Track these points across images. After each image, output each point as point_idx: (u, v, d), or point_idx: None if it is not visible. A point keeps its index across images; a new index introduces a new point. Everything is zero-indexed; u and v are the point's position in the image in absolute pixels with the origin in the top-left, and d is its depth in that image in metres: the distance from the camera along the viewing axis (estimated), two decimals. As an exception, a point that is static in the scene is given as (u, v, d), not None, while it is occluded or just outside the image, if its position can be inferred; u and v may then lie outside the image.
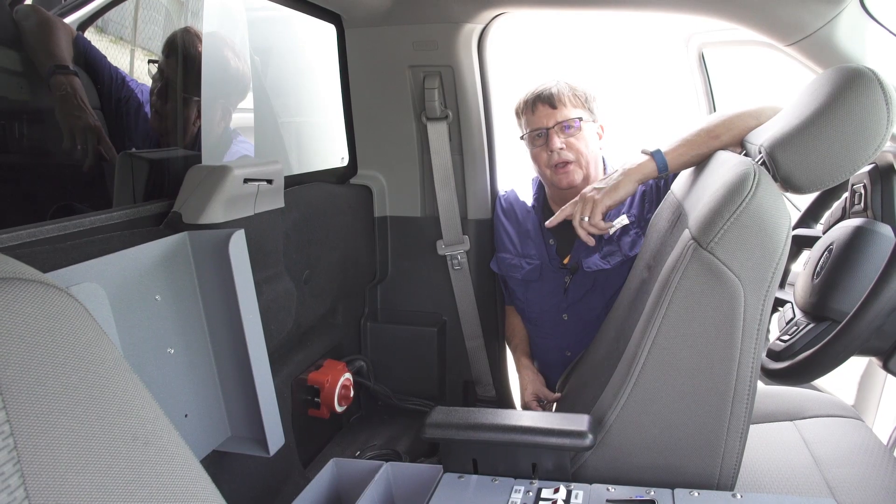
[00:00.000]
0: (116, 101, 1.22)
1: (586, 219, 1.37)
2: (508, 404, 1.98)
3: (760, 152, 1.05)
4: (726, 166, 1.06)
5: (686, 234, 1.01)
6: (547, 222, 1.49)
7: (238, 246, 1.06)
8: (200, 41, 1.33)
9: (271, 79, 1.85)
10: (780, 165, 0.99)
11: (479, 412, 1.09)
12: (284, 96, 1.94)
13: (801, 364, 1.03)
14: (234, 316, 1.07)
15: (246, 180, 1.18)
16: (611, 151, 1.74)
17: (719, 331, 0.94)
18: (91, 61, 1.18)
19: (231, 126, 1.55)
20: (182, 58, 1.31)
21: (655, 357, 0.99)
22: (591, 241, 1.40)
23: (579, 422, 1.02)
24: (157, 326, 1.00)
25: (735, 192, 0.93)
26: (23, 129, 1.07)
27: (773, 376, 1.10)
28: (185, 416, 1.05)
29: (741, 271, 0.92)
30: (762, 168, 0.98)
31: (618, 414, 1.03)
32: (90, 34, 1.18)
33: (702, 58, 2.27)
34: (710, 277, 0.93)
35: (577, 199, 1.41)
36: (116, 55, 1.22)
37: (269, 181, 1.25)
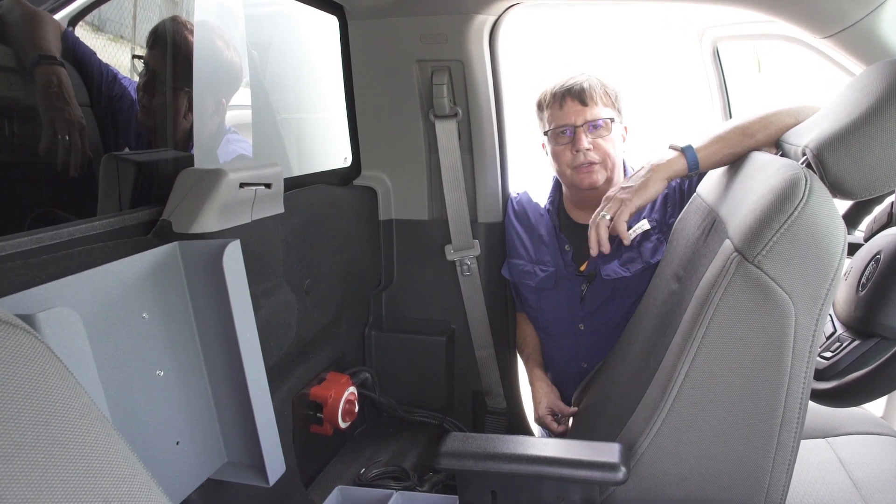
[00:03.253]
0: (107, 99, 1.15)
1: (608, 217, 1.26)
2: (520, 417, 1.90)
3: (804, 154, 0.96)
4: (769, 169, 0.97)
5: (727, 244, 0.92)
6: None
7: (233, 257, 0.97)
8: (191, 33, 1.25)
9: (270, 74, 1.76)
10: (830, 169, 0.90)
11: (498, 440, 1.00)
12: (284, 93, 1.86)
13: (852, 385, 0.95)
14: (230, 334, 0.98)
15: (242, 185, 1.10)
16: (629, 152, 1.65)
17: (767, 352, 0.86)
18: (80, 57, 1.10)
19: (227, 124, 1.46)
20: (171, 51, 1.22)
21: (694, 380, 0.90)
22: (605, 249, 1.28)
23: (610, 452, 0.93)
24: (145, 347, 0.92)
25: (785, 200, 0.84)
26: (8, 127, 1.00)
27: (819, 397, 1.01)
28: (177, 443, 0.97)
29: (793, 288, 0.83)
30: (811, 172, 0.90)
31: (651, 441, 0.94)
32: (79, 31, 1.11)
33: (716, 52, 2.19)
34: (757, 294, 0.84)
35: (602, 203, 1.30)
36: (112, 51, 1.15)
37: (268, 185, 1.16)
